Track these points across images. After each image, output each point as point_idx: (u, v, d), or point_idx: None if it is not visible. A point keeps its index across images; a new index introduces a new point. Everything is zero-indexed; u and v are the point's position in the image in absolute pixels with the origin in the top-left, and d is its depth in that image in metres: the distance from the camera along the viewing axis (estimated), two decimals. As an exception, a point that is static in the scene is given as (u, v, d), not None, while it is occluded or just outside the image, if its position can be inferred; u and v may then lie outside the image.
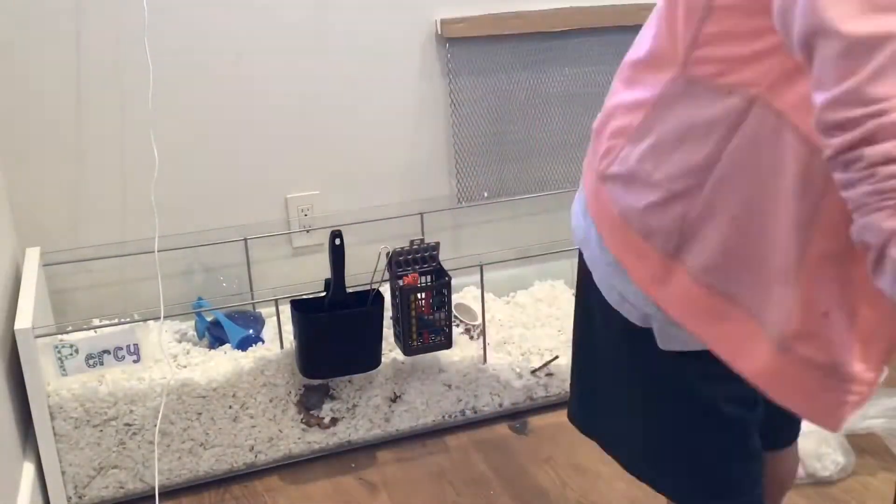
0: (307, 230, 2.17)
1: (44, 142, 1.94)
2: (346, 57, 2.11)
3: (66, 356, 1.72)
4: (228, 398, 1.80)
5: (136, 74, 1.92)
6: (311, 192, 2.17)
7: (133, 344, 1.76)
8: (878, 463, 1.81)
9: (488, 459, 1.90)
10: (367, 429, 1.92)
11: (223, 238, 2.09)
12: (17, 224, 1.96)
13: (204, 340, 2.03)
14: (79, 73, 1.92)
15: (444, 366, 1.95)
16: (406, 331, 1.84)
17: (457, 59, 2.17)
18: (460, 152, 2.23)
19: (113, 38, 1.92)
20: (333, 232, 1.78)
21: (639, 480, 1.18)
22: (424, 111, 2.19)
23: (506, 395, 2.01)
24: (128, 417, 1.74)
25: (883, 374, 1.88)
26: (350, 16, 2.08)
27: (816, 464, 1.76)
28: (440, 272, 1.87)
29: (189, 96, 2.01)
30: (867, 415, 1.80)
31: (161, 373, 1.77)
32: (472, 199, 2.26)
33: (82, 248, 2.00)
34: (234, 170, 2.09)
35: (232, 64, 2.02)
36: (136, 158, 1.99)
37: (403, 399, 1.93)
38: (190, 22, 1.97)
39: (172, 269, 2.07)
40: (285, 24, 2.04)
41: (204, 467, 1.82)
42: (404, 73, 2.16)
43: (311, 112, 2.11)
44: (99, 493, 1.77)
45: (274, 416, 1.84)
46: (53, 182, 1.97)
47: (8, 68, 1.88)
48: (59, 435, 1.70)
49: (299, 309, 1.79)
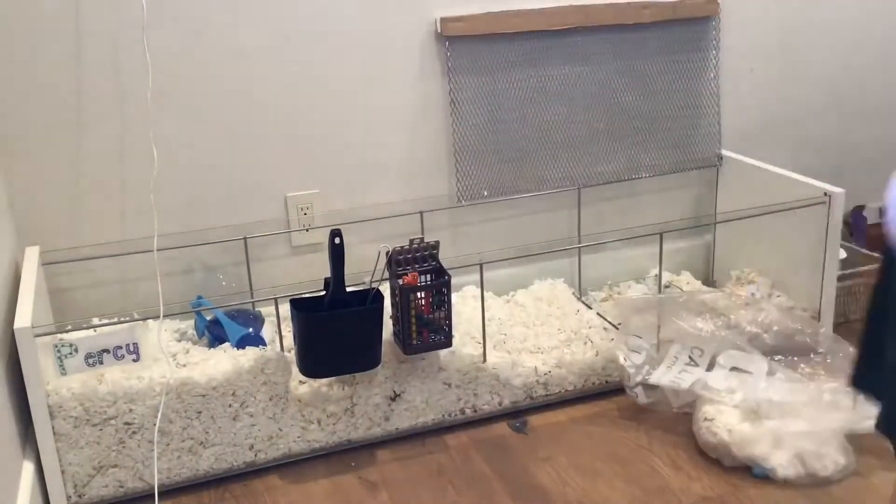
0: (307, 229, 2.17)
1: (43, 141, 1.94)
2: (345, 55, 2.10)
3: (65, 355, 1.72)
4: (228, 397, 1.80)
5: (136, 74, 1.92)
6: (311, 191, 2.17)
7: (132, 343, 1.76)
8: (878, 463, 1.81)
9: (488, 458, 1.90)
10: (366, 427, 1.92)
11: (223, 237, 2.09)
12: (17, 223, 1.96)
13: (203, 339, 2.03)
14: (78, 72, 1.92)
15: (444, 364, 1.95)
16: (406, 330, 1.84)
17: (456, 58, 2.17)
18: (460, 151, 2.23)
19: (112, 37, 1.92)
20: (333, 231, 1.78)
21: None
22: (424, 110, 2.19)
23: (506, 394, 2.01)
24: (127, 416, 1.74)
25: None
26: (349, 14, 2.08)
27: (817, 464, 1.76)
28: (440, 271, 1.87)
29: (188, 95, 2.01)
30: (869, 415, 1.80)
31: (161, 372, 1.77)
32: (472, 198, 2.26)
33: (82, 247, 2.00)
34: (233, 169, 2.09)
35: (231, 63, 2.02)
36: (135, 157, 1.99)
37: (403, 398, 1.93)
38: (189, 21, 1.97)
39: (172, 268, 2.07)
40: (285, 23, 2.04)
41: (203, 466, 1.82)
42: (404, 72, 2.16)
43: (310, 111, 2.11)
44: (98, 493, 1.77)
45: (274, 414, 1.84)
46: (53, 181, 1.97)
47: (8, 68, 1.87)
48: (59, 434, 1.70)
49: (299, 308, 1.79)
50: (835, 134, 2.62)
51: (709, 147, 2.44)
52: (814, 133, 2.59)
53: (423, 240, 1.89)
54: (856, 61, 2.58)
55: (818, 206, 2.12)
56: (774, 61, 2.49)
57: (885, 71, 2.63)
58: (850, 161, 2.61)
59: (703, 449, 1.86)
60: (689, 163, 2.42)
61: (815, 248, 2.15)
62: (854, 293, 2.37)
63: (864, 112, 2.64)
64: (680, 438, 1.92)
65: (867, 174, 2.64)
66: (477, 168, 2.25)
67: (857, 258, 2.45)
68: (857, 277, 2.36)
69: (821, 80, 2.56)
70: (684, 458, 1.86)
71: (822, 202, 2.12)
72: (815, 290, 2.17)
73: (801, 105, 2.56)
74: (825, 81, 2.57)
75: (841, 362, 1.99)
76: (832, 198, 2.10)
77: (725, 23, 2.35)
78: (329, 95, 2.12)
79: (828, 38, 2.53)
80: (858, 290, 2.38)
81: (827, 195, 2.11)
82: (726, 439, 1.80)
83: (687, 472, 1.82)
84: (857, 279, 2.36)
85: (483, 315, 1.99)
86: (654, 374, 1.98)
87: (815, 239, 2.14)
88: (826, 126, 2.60)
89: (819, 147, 2.60)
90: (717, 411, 1.83)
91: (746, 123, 2.50)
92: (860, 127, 2.65)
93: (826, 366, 2.00)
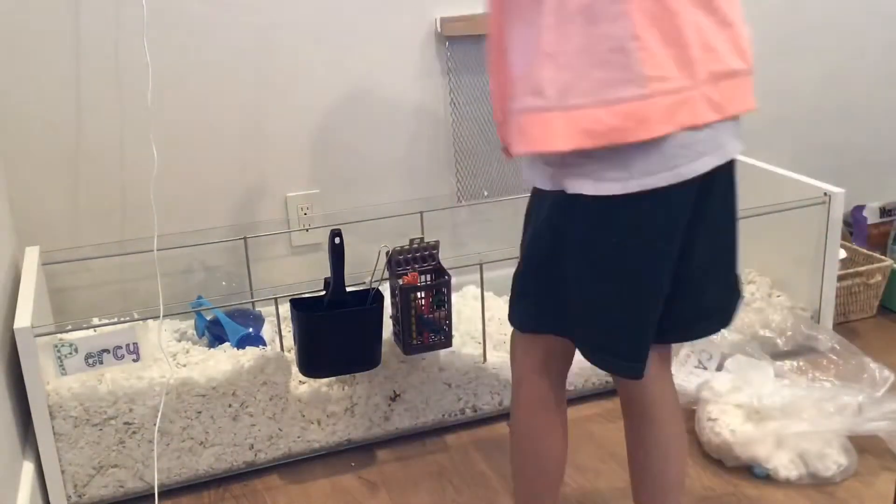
0: (307, 229, 2.17)
1: (43, 141, 1.94)
2: (345, 55, 2.10)
3: (65, 355, 1.72)
4: (228, 397, 1.80)
5: (136, 73, 1.92)
6: (311, 191, 2.17)
7: (132, 343, 1.76)
8: (879, 463, 1.81)
9: (488, 458, 1.90)
10: (366, 427, 1.92)
11: (223, 237, 2.09)
12: (17, 223, 1.96)
13: (203, 339, 2.03)
14: (78, 72, 1.92)
15: (444, 364, 1.95)
16: (406, 330, 1.84)
17: (457, 58, 2.17)
18: (460, 151, 2.23)
19: (112, 37, 1.92)
20: (333, 231, 1.77)
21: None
22: (424, 110, 2.19)
23: (506, 394, 2.01)
24: (127, 416, 1.74)
25: (890, 380, 1.91)
26: (349, 14, 2.08)
27: (818, 464, 1.76)
28: (440, 271, 1.87)
29: (188, 95, 2.01)
30: (870, 417, 1.80)
31: (160, 371, 1.77)
32: (472, 198, 2.26)
33: (82, 247, 2.00)
34: (233, 169, 2.09)
35: (231, 63, 2.02)
36: (135, 157, 1.99)
37: (403, 398, 1.93)
38: (189, 21, 1.97)
39: (172, 267, 2.07)
40: (285, 22, 2.04)
41: (203, 466, 1.82)
42: (404, 72, 2.16)
43: (310, 111, 2.11)
44: (98, 492, 1.77)
45: (274, 414, 1.84)
46: (53, 181, 1.97)
47: (7, 68, 1.87)
48: (59, 434, 1.70)
49: (299, 308, 1.79)
50: (835, 134, 2.62)
51: (709, 147, 2.44)
52: (814, 133, 2.59)
53: (423, 240, 1.89)
54: (856, 61, 2.58)
55: (818, 206, 2.12)
56: (774, 61, 2.49)
57: (886, 71, 2.63)
58: (850, 161, 2.61)
59: (705, 449, 1.86)
60: (689, 163, 2.42)
61: (815, 248, 2.15)
62: (854, 293, 2.37)
63: (864, 112, 2.64)
64: (680, 438, 1.92)
65: (867, 174, 2.65)
66: (477, 168, 2.25)
67: (857, 258, 2.45)
68: (857, 277, 2.36)
69: (821, 81, 2.56)
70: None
71: (822, 202, 2.12)
72: (815, 290, 2.17)
73: (801, 105, 2.56)
74: (825, 81, 2.57)
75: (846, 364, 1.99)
76: (832, 198, 2.10)
77: (725, 23, 2.34)
78: (329, 95, 2.12)
79: (828, 39, 2.53)
80: (858, 290, 2.38)
81: (827, 195, 2.11)
82: (729, 439, 1.80)
83: (687, 471, 1.82)
84: (856, 279, 2.36)
85: (483, 315, 1.99)
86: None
87: (815, 239, 2.14)
88: (826, 126, 2.60)
89: (819, 147, 2.59)
90: (721, 411, 1.83)
91: (746, 123, 2.49)
92: (860, 127, 2.65)
93: (831, 368, 2.00)
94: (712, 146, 1.21)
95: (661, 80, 1.14)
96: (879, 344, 2.25)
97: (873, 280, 2.37)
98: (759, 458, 1.77)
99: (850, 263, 2.39)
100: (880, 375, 1.92)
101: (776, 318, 2.12)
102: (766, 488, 1.76)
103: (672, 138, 1.16)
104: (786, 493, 1.75)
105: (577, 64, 1.14)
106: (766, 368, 1.93)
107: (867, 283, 2.37)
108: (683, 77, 1.15)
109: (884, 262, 2.40)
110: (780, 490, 1.75)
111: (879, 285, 2.40)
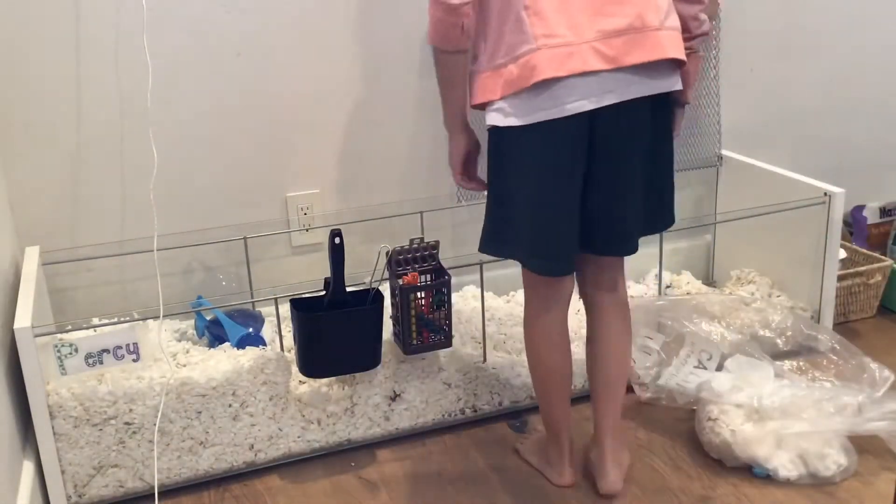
0: (307, 229, 2.17)
1: (43, 141, 1.94)
2: (345, 55, 2.10)
3: (65, 355, 1.72)
4: (228, 397, 1.80)
5: (135, 73, 1.92)
6: (311, 191, 2.17)
7: (132, 343, 1.76)
8: (879, 463, 1.81)
9: (488, 458, 1.90)
10: (366, 427, 1.92)
11: (223, 237, 2.09)
12: (17, 223, 1.96)
13: (203, 339, 2.03)
14: (78, 72, 1.92)
15: (444, 364, 1.95)
16: (406, 330, 1.84)
17: (457, 58, 2.16)
18: (460, 151, 2.22)
19: (112, 37, 1.92)
20: (333, 231, 1.77)
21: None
22: (424, 110, 2.18)
23: (505, 394, 2.01)
24: (127, 416, 1.74)
25: (890, 380, 1.93)
26: (350, 14, 2.08)
27: (819, 464, 1.76)
28: (440, 271, 1.87)
29: (188, 95, 2.01)
30: (870, 417, 1.80)
31: (160, 371, 1.77)
32: (472, 198, 2.26)
33: (82, 247, 2.00)
34: (233, 169, 2.09)
35: (231, 63, 2.02)
36: (135, 157, 1.99)
37: (403, 398, 1.93)
38: (189, 21, 1.97)
39: (172, 267, 2.07)
40: (285, 23, 2.03)
41: (204, 466, 1.82)
42: (404, 72, 2.16)
43: (310, 111, 2.11)
44: (98, 492, 1.77)
45: (274, 414, 1.84)
46: (53, 181, 1.97)
47: (7, 68, 1.87)
48: (59, 434, 1.70)
49: (299, 308, 1.79)
50: (835, 134, 2.62)
51: (709, 147, 2.44)
52: (814, 133, 2.59)
53: (423, 240, 1.89)
54: (855, 61, 2.58)
55: (818, 206, 2.12)
56: (774, 61, 2.49)
57: (885, 71, 2.63)
58: (850, 161, 2.61)
59: (705, 448, 1.86)
60: (689, 163, 2.42)
61: (815, 248, 2.15)
62: (854, 293, 2.37)
63: (864, 112, 2.64)
64: (680, 438, 1.92)
65: (867, 174, 2.65)
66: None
67: (857, 258, 2.45)
68: (857, 277, 2.36)
69: (821, 80, 2.56)
70: (684, 458, 1.86)
71: (822, 202, 2.12)
72: (815, 290, 2.17)
73: (801, 105, 2.56)
74: (825, 81, 2.57)
75: (846, 364, 1.99)
76: (832, 198, 2.10)
77: (725, 23, 2.34)
78: (329, 95, 2.11)
79: (827, 39, 2.53)
80: (858, 290, 2.38)
81: (827, 195, 2.11)
82: (729, 439, 1.80)
83: (687, 471, 1.82)
84: (856, 279, 2.36)
85: (483, 315, 1.99)
86: (662, 375, 2.00)
87: (815, 239, 2.14)
88: (826, 126, 2.60)
89: (819, 147, 2.59)
90: (721, 411, 1.83)
91: (746, 123, 2.50)
92: (860, 127, 2.64)
93: (831, 368, 2.00)
94: (599, 90, 1.48)
95: (547, 37, 1.46)
96: (879, 344, 2.25)
97: (873, 280, 2.38)
98: (759, 458, 1.77)
99: (850, 263, 2.39)
100: (880, 375, 1.92)
101: (776, 318, 2.12)
102: (766, 488, 1.76)
103: (562, 82, 1.47)
104: (786, 493, 1.75)
105: (496, 35, 1.51)
106: (766, 368, 1.93)
107: (867, 283, 2.37)
108: (572, 35, 1.47)
109: (884, 262, 2.40)
110: (780, 490, 1.75)
111: (879, 285, 2.40)
